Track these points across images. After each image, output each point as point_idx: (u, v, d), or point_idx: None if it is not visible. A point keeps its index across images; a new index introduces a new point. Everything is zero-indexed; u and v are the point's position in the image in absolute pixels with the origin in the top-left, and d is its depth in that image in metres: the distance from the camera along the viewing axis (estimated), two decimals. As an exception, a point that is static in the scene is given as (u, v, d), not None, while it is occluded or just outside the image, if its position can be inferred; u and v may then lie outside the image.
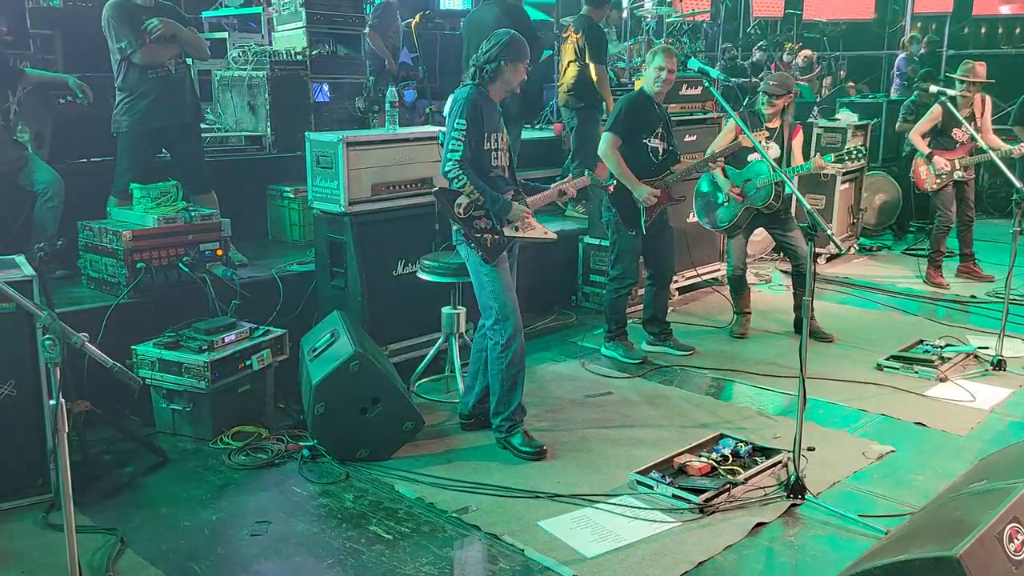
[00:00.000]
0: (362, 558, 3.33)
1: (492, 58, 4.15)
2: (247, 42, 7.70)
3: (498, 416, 4.28)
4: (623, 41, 10.97)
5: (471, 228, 4.13)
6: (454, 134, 4.07)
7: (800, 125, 6.08)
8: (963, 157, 7.14)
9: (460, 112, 4.08)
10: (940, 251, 7.41)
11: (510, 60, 4.16)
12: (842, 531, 3.52)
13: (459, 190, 4.10)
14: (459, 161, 4.05)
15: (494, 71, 4.16)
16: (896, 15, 15.15)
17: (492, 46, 4.16)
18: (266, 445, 4.30)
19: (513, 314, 4.18)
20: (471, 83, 4.21)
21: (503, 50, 4.14)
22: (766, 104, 5.77)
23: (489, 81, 4.18)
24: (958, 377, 5.21)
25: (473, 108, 4.08)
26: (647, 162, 5.37)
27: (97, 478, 3.96)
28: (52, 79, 5.64)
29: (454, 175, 4.07)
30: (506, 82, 4.20)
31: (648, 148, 5.38)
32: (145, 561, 3.30)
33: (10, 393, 3.63)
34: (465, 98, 4.11)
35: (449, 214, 4.15)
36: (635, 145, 5.35)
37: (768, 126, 5.83)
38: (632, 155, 5.33)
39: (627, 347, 5.62)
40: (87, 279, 5.12)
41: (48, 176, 5.16)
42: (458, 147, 4.05)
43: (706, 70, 4.49)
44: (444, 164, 4.11)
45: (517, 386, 4.25)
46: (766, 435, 4.38)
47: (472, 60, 4.25)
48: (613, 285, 5.60)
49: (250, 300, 4.99)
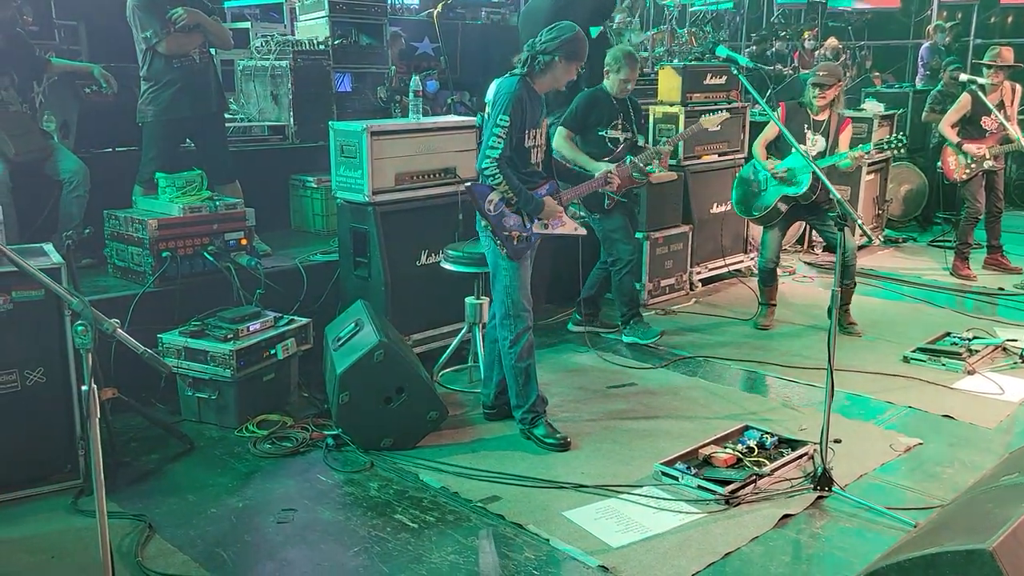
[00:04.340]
0: (387, 546, 3.33)
1: (549, 50, 4.00)
2: (270, 32, 7.72)
3: (519, 409, 4.27)
4: (646, 31, 10.89)
5: (499, 226, 4.09)
6: (495, 130, 3.95)
7: (850, 119, 5.92)
8: (993, 146, 7.04)
9: (505, 107, 3.96)
10: (968, 243, 7.33)
11: (565, 58, 4.02)
12: (870, 524, 3.49)
13: (496, 187, 4.05)
14: (497, 159, 3.97)
15: (547, 64, 4.03)
16: (923, 4, 14.95)
17: (552, 38, 4.01)
18: (291, 433, 4.32)
19: (524, 312, 4.16)
20: (520, 72, 4.06)
21: (562, 46, 3.99)
22: (817, 96, 5.63)
23: (539, 72, 4.06)
24: (986, 370, 5.14)
25: (518, 104, 3.97)
26: (604, 151, 5.45)
27: (124, 465, 3.99)
28: (77, 68, 5.68)
29: (491, 172, 3.99)
30: (555, 78, 4.09)
31: (607, 139, 5.48)
32: (173, 547, 3.32)
33: (39, 380, 3.66)
34: (511, 92, 3.98)
35: (479, 209, 4.10)
36: (591, 137, 5.49)
37: (815, 118, 5.71)
38: (588, 146, 5.46)
39: (644, 327, 5.69)
40: (113, 268, 5.16)
41: (74, 165, 5.20)
42: (498, 144, 3.96)
43: (735, 58, 4.42)
44: (482, 160, 4.02)
45: (531, 379, 4.24)
46: (791, 427, 4.35)
47: (527, 45, 4.09)
48: (614, 268, 5.62)
49: (274, 290, 5.01)
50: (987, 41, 12.14)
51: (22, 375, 3.62)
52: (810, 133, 5.68)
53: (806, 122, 5.70)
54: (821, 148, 5.69)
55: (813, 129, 5.70)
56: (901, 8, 14.83)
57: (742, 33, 13.06)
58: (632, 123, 5.58)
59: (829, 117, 5.72)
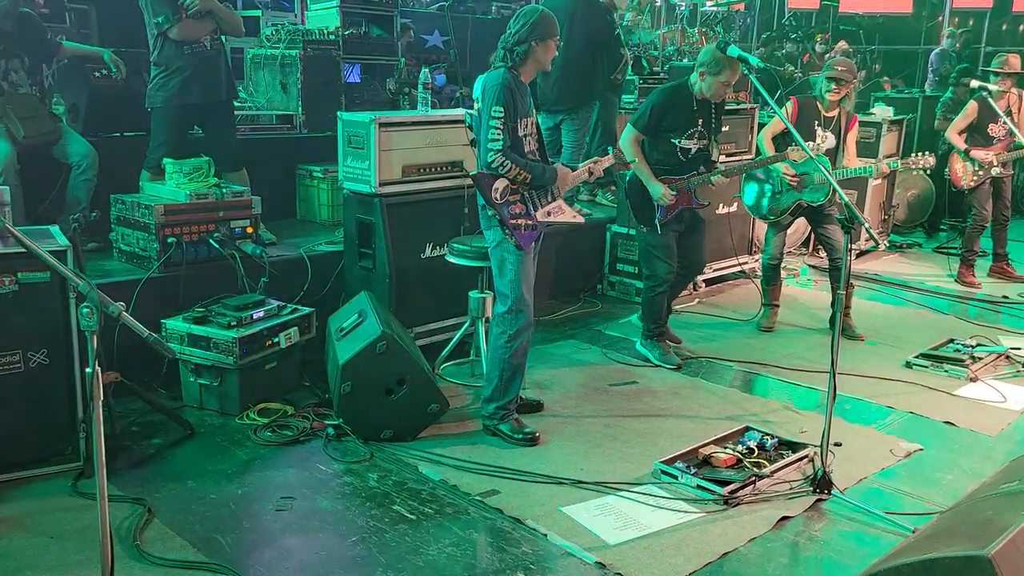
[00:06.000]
0: (385, 537, 3.34)
1: (522, 39, 4.02)
2: (281, 20, 7.71)
3: (492, 403, 4.24)
4: (656, 29, 10.88)
5: (508, 214, 4.07)
6: (492, 123, 3.97)
7: (856, 117, 5.91)
8: (1000, 153, 7.03)
9: (496, 99, 3.97)
10: (973, 250, 7.31)
11: (540, 39, 4.05)
12: (868, 528, 3.49)
13: (505, 175, 4.03)
14: (501, 150, 3.97)
15: (525, 53, 4.05)
16: (935, 9, 14.91)
17: (521, 26, 4.03)
18: (292, 422, 4.32)
19: (527, 307, 4.15)
20: (503, 66, 4.09)
21: (532, 29, 4.02)
22: (832, 90, 5.58)
23: (520, 63, 4.08)
24: (989, 377, 5.14)
25: (509, 94, 3.99)
26: (673, 159, 5.08)
27: (125, 449, 4.00)
28: (88, 52, 5.68)
29: (498, 164, 3.98)
30: (537, 61, 4.11)
31: (678, 148, 5.06)
32: (171, 532, 3.33)
33: (42, 362, 3.67)
34: (500, 84, 4.00)
35: (486, 199, 4.07)
36: (660, 144, 5.09)
37: (826, 115, 5.68)
38: (657, 150, 5.09)
39: (663, 350, 5.32)
40: (118, 252, 5.16)
41: (82, 149, 5.21)
42: (499, 136, 3.96)
43: (746, 57, 4.41)
44: (487, 155, 4.00)
45: (517, 377, 4.23)
46: (792, 429, 4.34)
47: (500, 41, 4.11)
48: (647, 283, 5.31)
49: (278, 278, 5.01)
50: (997, 49, 12.10)
51: (25, 356, 3.63)
52: (820, 130, 5.66)
53: (816, 119, 5.68)
54: (831, 145, 5.67)
55: (823, 126, 5.68)
56: (912, 13, 14.79)
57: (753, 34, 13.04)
58: (711, 130, 5.12)
59: (839, 114, 5.71)
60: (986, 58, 12.41)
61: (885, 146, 8.02)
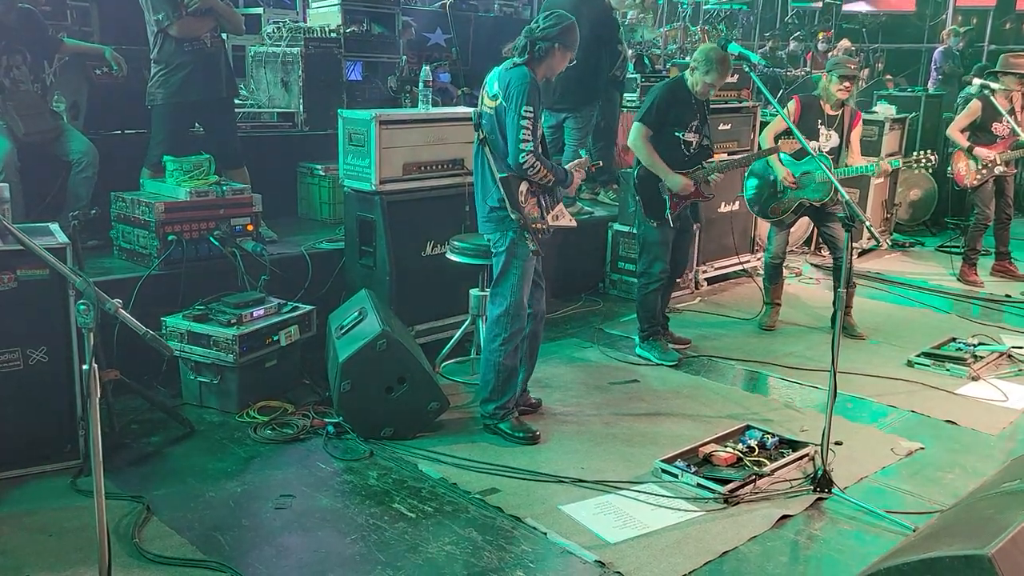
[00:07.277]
0: (385, 535, 3.33)
1: (549, 37, 3.97)
2: (282, 18, 7.71)
3: (491, 404, 4.23)
4: (658, 27, 10.87)
5: (528, 218, 4.01)
6: (523, 123, 3.88)
7: (860, 113, 5.89)
8: (1003, 152, 7.00)
9: (526, 98, 3.89)
10: (976, 249, 7.29)
11: (563, 46, 4.01)
12: (869, 527, 3.48)
13: (532, 177, 3.99)
14: (533, 152, 3.91)
15: (545, 51, 3.99)
16: (938, 8, 14.88)
17: (552, 24, 3.97)
18: (291, 420, 4.32)
19: (523, 311, 4.15)
20: (521, 60, 4.00)
21: (561, 34, 3.98)
22: (842, 88, 5.56)
23: (537, 60, 4.01)
24: (990, 376, 5.12)
25: (536, 92, 3.92)
26: (679, 154, 5.12)
27: (124, 446, 4.00)
28: (89, 50, 5.67)
29: (529, 165, 3.92)
30: (550, 67, 4.06)
31: (681, 141, 5.11)
32: (170, 529, 3.33)
33: (41, 359, 3.66)
34: (528, 83, 3.92)
35: (512, 202, 3.96)
36: (665, 138, 5.11)
37: (829, 113, 5.67)
38: (663, 146, 5.11)
39: (662, 348, 5.33)
40: (118, 250, 5.16)
41: (83, 146, 5.20)
42: (529, 137, 3.89)
43: (746, 55, 4.42)
44: (519, 156, 3.91)
45: (512, 379, 4.23)
46: (793, 428, 4.33)
47: (526, 31, 4.03)
48: (641, 280, 5.34)
49: (279, 276, 5.00)
50: (1000, 48, 12.09)
51: (24, 354, 3.63)
52: (823, 128, 5.65)
53: (820, 117, 5.66)
54: (835, 144, 5.66)
55: (827, 124, 5.67)
56: (916, 12, 14.76)
57: (755, 32, 13.01)
58: (705, 127, 5.22)
59: (842, 112, 5.70)
60: (990, 56, 12.39)
61: (887, 144, 8.00)
